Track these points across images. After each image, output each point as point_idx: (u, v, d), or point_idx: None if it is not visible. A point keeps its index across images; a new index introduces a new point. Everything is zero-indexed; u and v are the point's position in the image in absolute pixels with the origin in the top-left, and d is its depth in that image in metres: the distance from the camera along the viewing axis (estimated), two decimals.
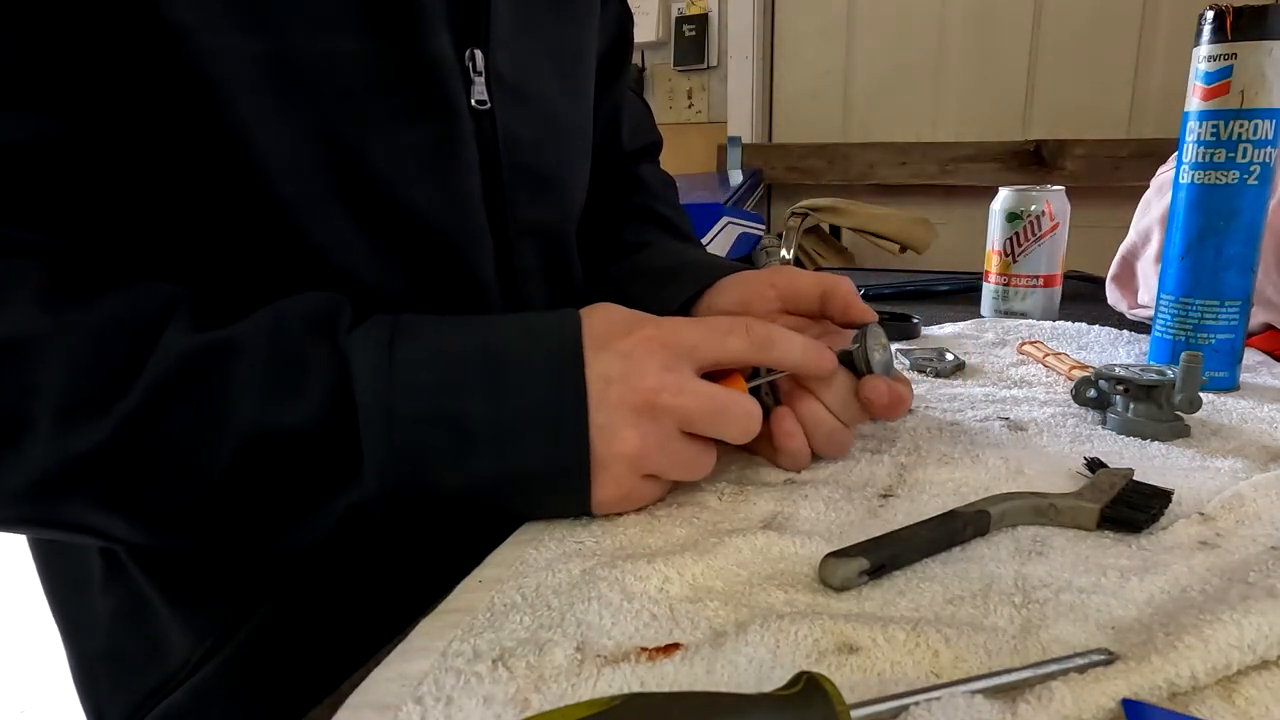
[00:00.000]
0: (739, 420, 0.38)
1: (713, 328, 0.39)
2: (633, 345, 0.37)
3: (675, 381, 0.37)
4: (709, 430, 0.38)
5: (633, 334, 0.37)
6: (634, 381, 0.36)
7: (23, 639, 1.72)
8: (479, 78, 0.45)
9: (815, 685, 0.24)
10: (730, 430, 0.38)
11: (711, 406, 0.37)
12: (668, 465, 0.37)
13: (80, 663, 0.52)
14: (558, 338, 0.37)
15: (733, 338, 0.39)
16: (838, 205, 2.13)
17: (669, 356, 0.37)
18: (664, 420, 0.36)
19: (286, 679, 0.47)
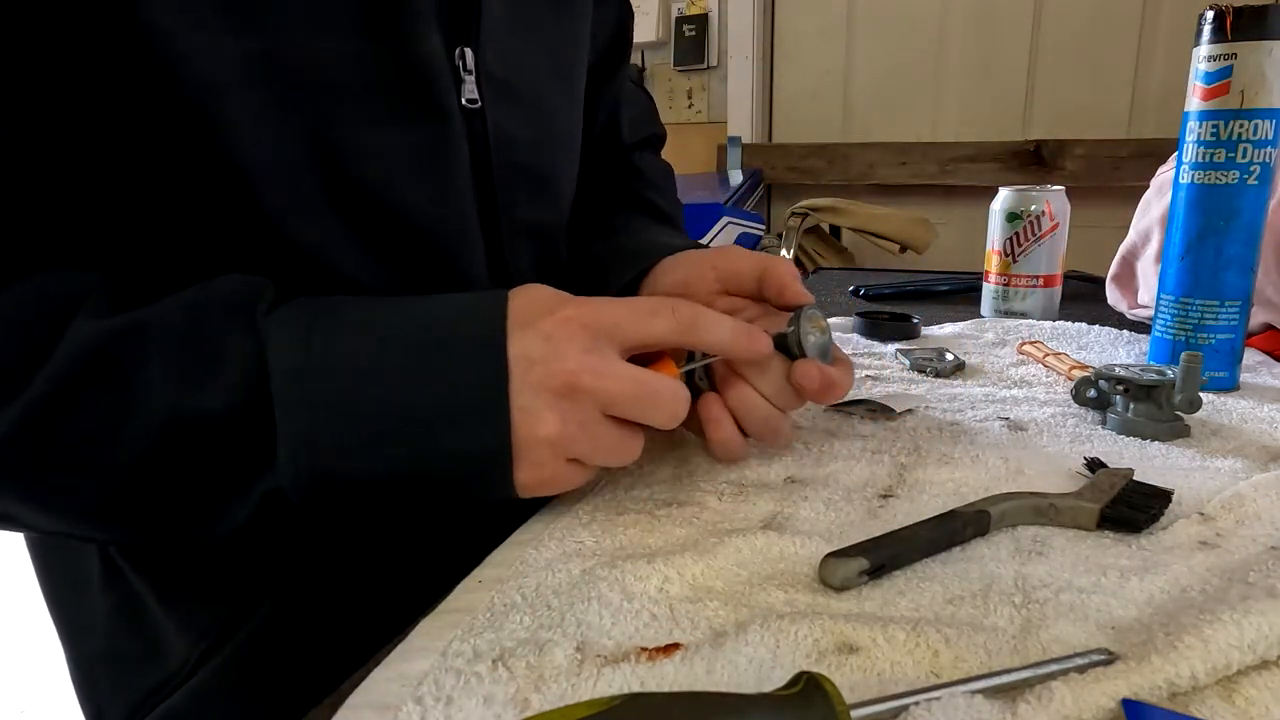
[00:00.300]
0: (664, 404, 0.37)
1: (637, 308, 0.38)
2: (554, 326, 0.36)
3: (596, 364, 0.35)
4: (632, 414, 0.36)
5: (555, 314, 0.36)
6: (554, 363, 0.35)
7: (23, 639, 1.72)
8: (469, 76, 0.45)
9: (815, 685, 0.24)
10: (655, 415, 0.37)
11: (634, 390, 0.36)
12: (591, 449, 0.36)
13: (79, 663, 0.52)
14: (481, 319, 0.36)
15: (657, 319, 0.37)
16: (838, 205, 2.13)
17: (590, 338, 0.36)
18: (585, 403, 0.35)
19: (286, 680, 0.46)
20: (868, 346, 0.74)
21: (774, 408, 0.42)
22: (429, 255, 0.45)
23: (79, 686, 0.52)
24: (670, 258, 0.51)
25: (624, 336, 0.37)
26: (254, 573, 0.47)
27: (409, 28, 0.41)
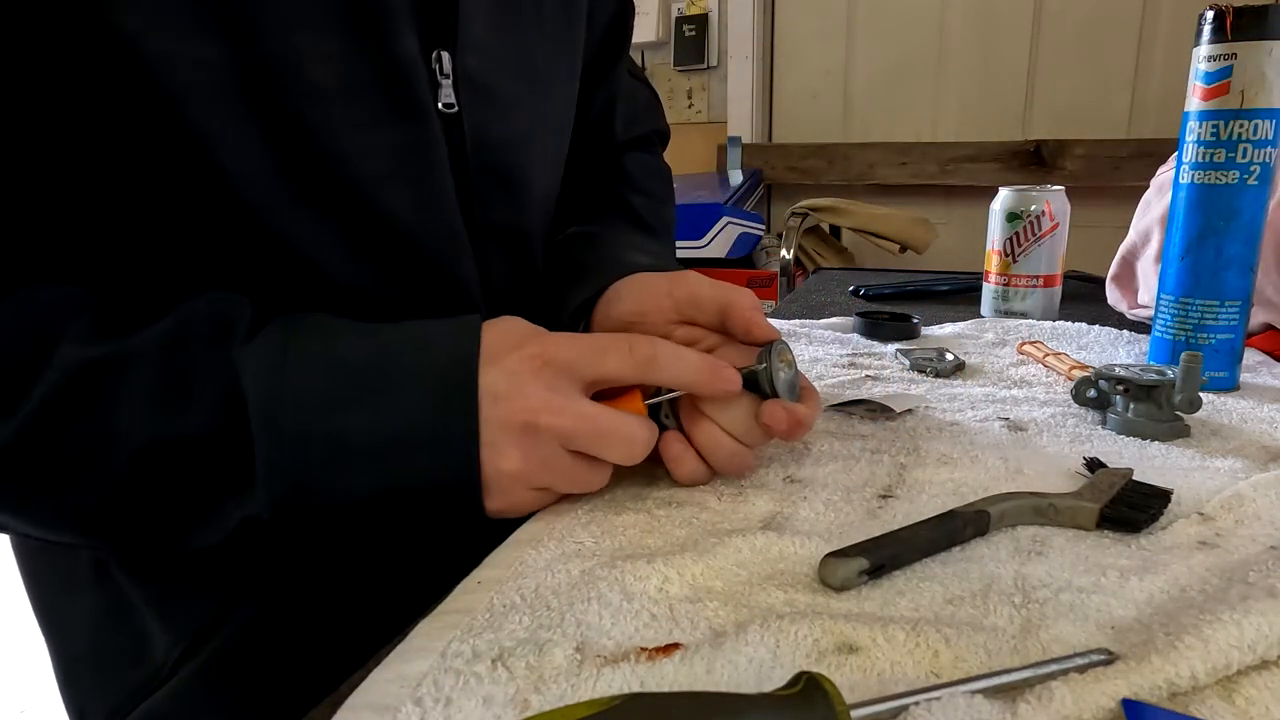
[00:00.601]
0: (620, 443, 0.38)
1: (592, 345, 0.39)
2: (517, 363, 0.37)
3: (556, 402, 0.37)
4: (591, 450, 0.38)
5: (520, 350, 0.37)
6: (516, 400, 0.36)
7: (23, 639, 1.72)
8: (446, 80, 0.44)
9: (815, 685, 0.24)
10: (612, 453, 0.38)
11: (590, 429, 0.37)
12: (554, 481, 0.38)
13: (63, 662, 0.52)
14: (452, 352, 0.37)
15: (612, 355, 0.38)
16: (838, 205, 2.13)
17: (551, 375, 0.37)
18: (545, 439, 0.37)
19: (270, 682, 0.46)
20: (868, 346, 0.74)
21: (740, 444, 0.41)
22: (417, 258, 0.45)
23: (63, 685, 0.52)
24: (626, 282, 0.49)
25: (580, 374, 0.38)
26: (241, 570, 0.47)
27: (385, 29, 0.40)
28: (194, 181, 0.38)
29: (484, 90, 0.46)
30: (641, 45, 2.51)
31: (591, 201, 0.64)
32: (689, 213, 1.99)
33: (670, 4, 2.50)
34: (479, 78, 0.46)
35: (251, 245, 0.40)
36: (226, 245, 0.40)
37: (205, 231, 0.40)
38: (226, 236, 0.40)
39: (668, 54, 2.53)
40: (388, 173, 0.42)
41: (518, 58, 0.49)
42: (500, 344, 0.37)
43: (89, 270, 0.39)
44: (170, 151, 0.37)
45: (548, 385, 0.37)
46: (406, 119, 0.42)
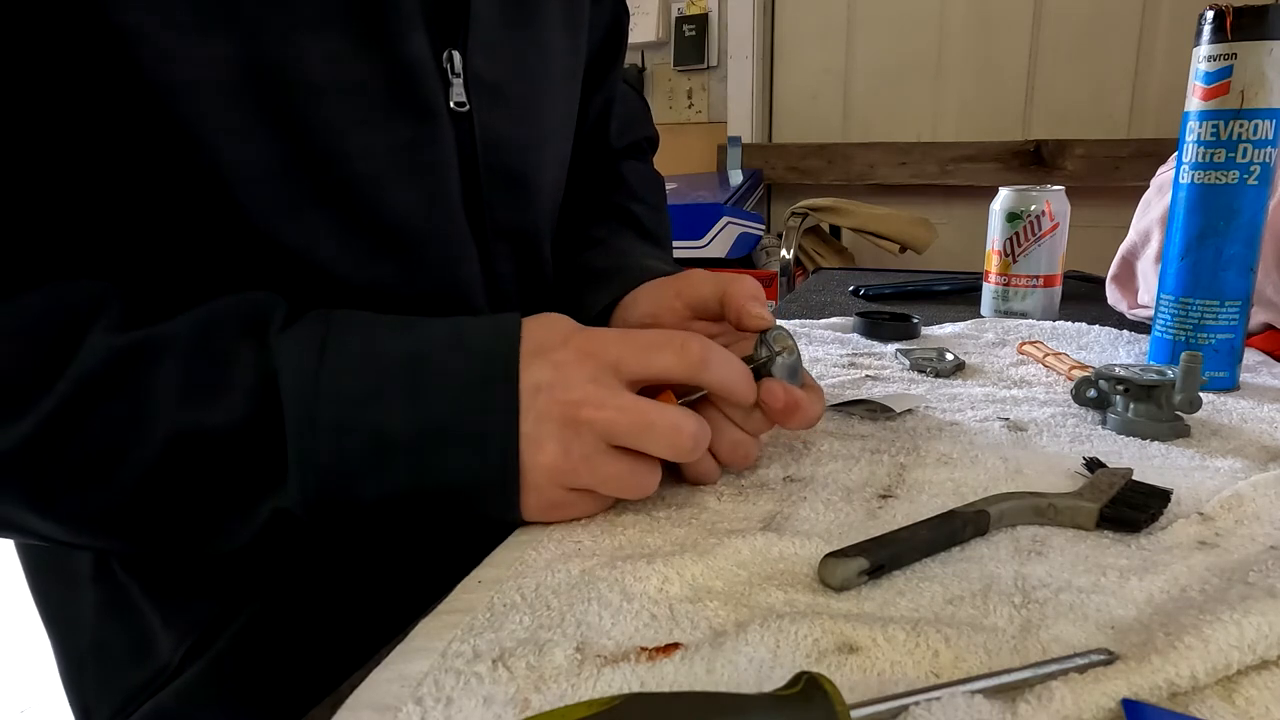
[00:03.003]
0: (664, 435, 0.36)
1: (642, 342, 0.38)
2: (564, 355, 0.37)
3: (599, 395, 0.36)
4: (635, 445, 0.36)
5: (567, 344, 0.37)
6: (559, 393, 0.36)
7: (23, 639, 1.72)
8: (457, 79, 0.44)
9: (815, 685, 0.24)
10: (657, 445, 0.37)
11: (634, 421, 0.36)
12: (595, 480, 0.37)
13: (67, 659, 0.52)
14: (491, 347, 0.36)
15: (663, 353, 0.37)
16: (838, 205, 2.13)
17: (596, 369, 0.36)
18: (586, 434, 0.36)
19: (277, 681, 0.46)
20: (868, 346, 0.74)
21: (743, 433, 0.42)
22: (422, 258, 0.45)
23: (67, 682, 0.52)
24: (638, 289, 0.51)
25: (627, 371, 0.37)
26: (245, 571, 0.47)
27: (393, 29, 0.40)
28: (197, 180, 0.38)
29: (494, 90, 0.47)
30: (641, 45, 2.51)
31: (594, 207, 0.65)
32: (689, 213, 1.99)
33: (670, 4, 2.50)
34: (489, 77, 0.46)
35: (254, 245, 0.40)
36: (229, 246, 0.40)
37: (208, 231, 0.39)
38: (229, 237, 0.40)
39: (668, 54, 2.53)
40: (393, 171, 0.42)
41: (526, 58, 0.49)
42: (545, 337, 0.37)
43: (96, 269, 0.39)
44: (173, 149, 0.37)
45: (592, 378, 0.36)
46: (415, 118, 0.42)
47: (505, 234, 0.50)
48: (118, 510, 0.35)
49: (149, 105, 0.36)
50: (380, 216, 0.43)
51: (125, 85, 0.35)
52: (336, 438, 0.34)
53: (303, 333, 0.35)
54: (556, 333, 0.38)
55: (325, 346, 0.35)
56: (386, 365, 0.35)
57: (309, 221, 0.41)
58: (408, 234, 0.44)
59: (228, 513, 0.36)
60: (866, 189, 2.42)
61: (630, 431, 0.36)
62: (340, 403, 0.34)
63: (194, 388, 0.34)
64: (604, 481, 0.37)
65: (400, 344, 0.36)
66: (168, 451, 0.34)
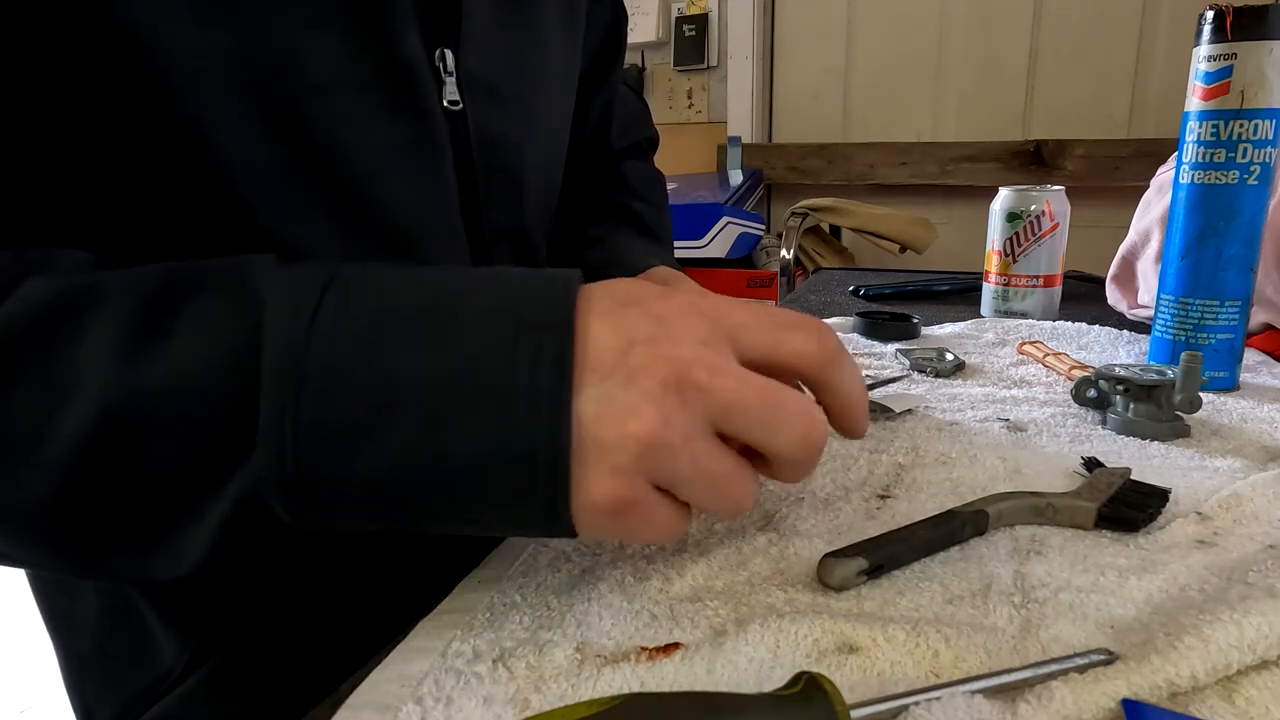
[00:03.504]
0: (798, 421, 0.28)
1: (771, 315, 0.30)
2: (668, 307, 0.29)
3: (715, 360, 0.27)
4: (756, 431, 0.28)
5: (670, 297, 0.29)
6: (664, 346, 0.27)
7: (23, 639, 1.72)
8: (450, 78, 0.44)
9: (815, 685, 0.24)
10: (786, 435, 0.28)
11: (763, 398, 0.28)
12: (692, 473, 0.27)
13: (70, 663, 0.51)
14: (546, 287, 0.28)
15: (797, 334, 0.30)
16: (838, 205, 2.13)
17: (710, 331, 0.28)
18: (696, 404, 0.27)
19: (281, 685, 0.46)
20: (868, 346, 0.74)
21: None
22: (415, 257, 0.45)
23: (70, 686, 0.52)
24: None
25: (751, 343, 0.29)
26: (246, 575, 0.47)
27: (387, 26, 0.40)
28: (190, 174, 0.38)
29: (487, 88, 0.47)
30: (641, 45, 2.51)
31: (594, 207, 0.65)
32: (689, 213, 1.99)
33: (670, 4, 2.50)
34: (482, 75, 0.46)
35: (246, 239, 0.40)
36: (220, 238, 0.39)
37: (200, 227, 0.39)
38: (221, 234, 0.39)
39: (668, 54, 2.53)
40: (388, 169, 0.42)
41: (520, 56, 0.49)
42: (637, 288, 0.30)
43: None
44: (170, 144, 0.37)
45: (705, 340, 0.28)
46: (408, 116, 0.42)
47: (503, 233, 0.51)
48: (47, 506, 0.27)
49: (146, 99, 0.36)
50: (377, 216, 0.43)
51: (123, 79, 0.35)
52: (328, 388, 0.26)
53: (303, 269, 0.28)
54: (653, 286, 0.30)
55: (332, 283, 0.28)
56: (407, 303, 0.28)
57: (300, 219, 0.41)
58: (404, 233, 0.44)
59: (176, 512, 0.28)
60: (866, 189, 2.42)
61: (758, 408, 0.28)
62: (340, 345, 0.26)
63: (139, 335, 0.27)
64: (702, 476, 0.28)
65: (428, 282, 0.29)
66: (100, 421, 0.26)
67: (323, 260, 0.29)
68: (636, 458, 0.26)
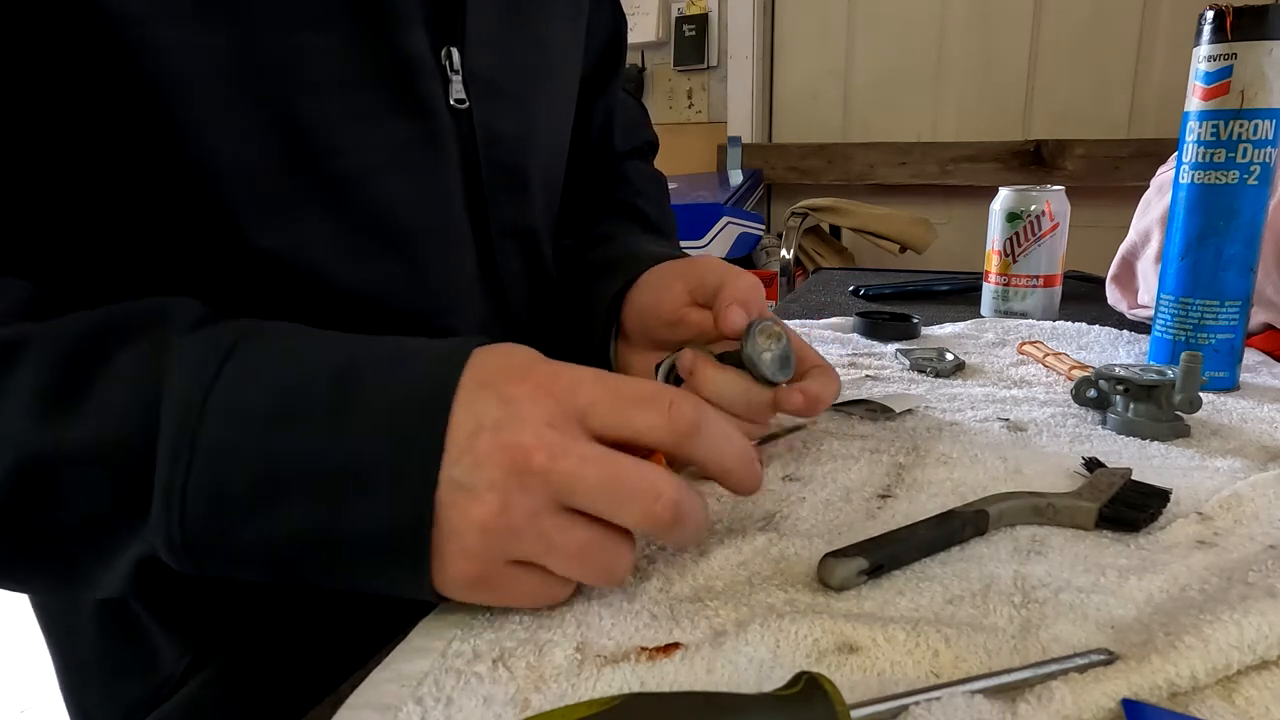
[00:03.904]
0: (639, 497, 0.29)
1: (621, 391, 0.31)
2: (519, 390, 0.29)
3: (558, 441, 0.29)
4: (601, 505, 0.29)
5: (526, 378, 0.30)
6: (507, 434, 0.28)
7: (23, 639, 1.72)
8: (456, 76, 0.44)
9: (815, 685, 0.24)
10: (629, 510, 0.29)
11: (602, 475, 0.28)
12: (543, 549, 0.29)
13: (67, 670, 0.51)
14: (430, 367, 0.30)
15: (645, 411, 0.30)
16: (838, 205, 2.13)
17: (557, 412, 0.29)
18: (536, 487, 0.28)
19: (276, 686, 0.46)
20: (868, 346, 0.74)
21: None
22: (415, 256, 0.44)
23: (67, 693, 0.51)
24: (644, 275, 0.50)
25: (599, 422, 0.30)
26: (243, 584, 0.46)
27: (391, 25, 0.40)
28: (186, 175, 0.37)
29: (493, 87, 0.47)
30: (641, 45, 2.51)
31: (598, 206, 0.65)
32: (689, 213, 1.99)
33: (670, 4, 2.50)
34: (488, 74, 0.46)
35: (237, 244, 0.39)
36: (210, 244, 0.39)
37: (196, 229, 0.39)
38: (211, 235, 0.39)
39: (668, 54, 2.53)
40: (389, 169, 0.42)
41: (526, 55, 0.49)
42: (501, 366, 0.31)
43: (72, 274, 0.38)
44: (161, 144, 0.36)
45: (550, 422, 0.29)
46: (413, 115, 0.42)
47: (510, 232, 0.50)
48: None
49: (141, 99, 0.35)
50: (377, 214, 0.42)
51: (118, 79, 0.35)
52: (218, 464, 0.28)
53: (209, 337, 0.30)
54: (515, 363, 0.31)
55: (232, 354, 0.29)
56: (300, 382, 0.29)
57: (300, 217, 0.40)
58: (405, 232, 0.44)
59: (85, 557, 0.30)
60: (866, 189, 2.42)
61: (596, 487, 0.28)
62: (231, 422, 0.28)
63: (56, 398, 0.28)
64: (555, 551, 0.29)
65: (323, 359, 0.30)
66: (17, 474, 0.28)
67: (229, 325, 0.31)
68: (480, 540, 0.28)
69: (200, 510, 0.28)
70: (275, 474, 0.28)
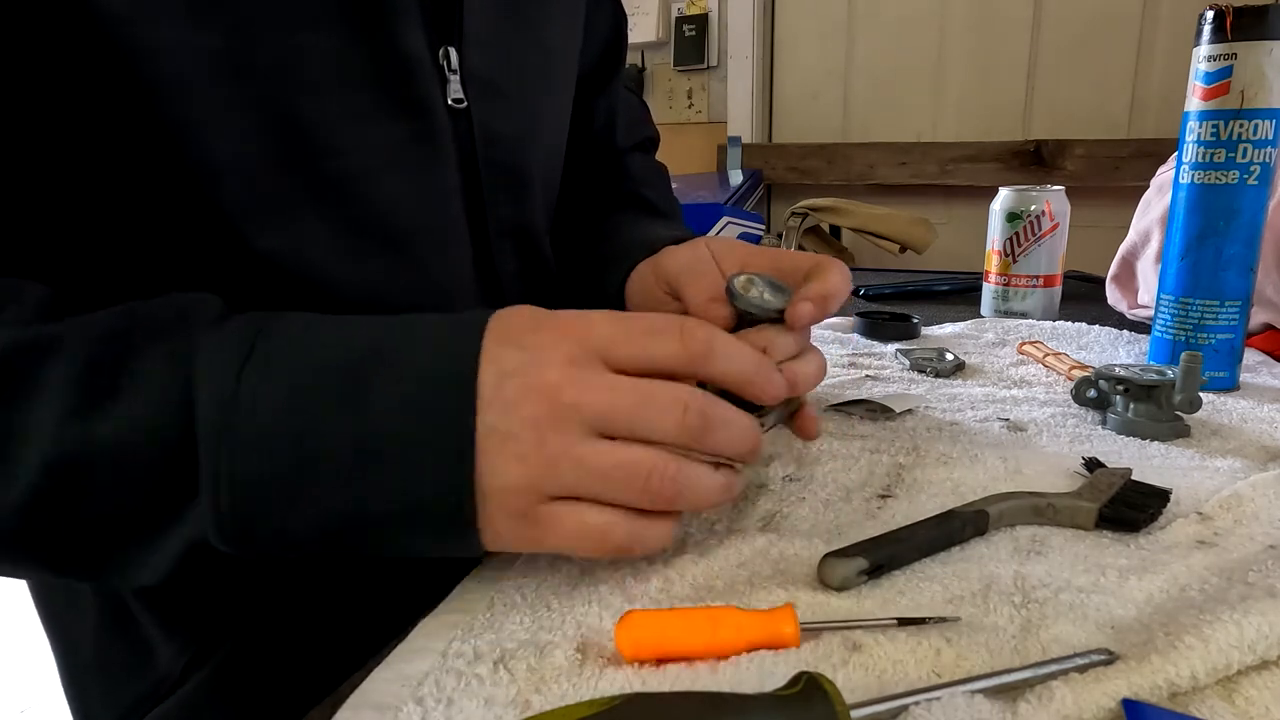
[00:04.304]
0: (671, 409, 0.30)
1: (635, 325, 0.32)
2: (539, 337, 0.31)
3: (584, 376, 0.30)
4: (637, 427, 0.30)
5: (542, 326, 0.32)
6: (533, 375, 0.30)
7: (23, 639, 1.72)
8: (454, 76, 0.44)
9: (815, 685, 0.24)
10: (660, 424, 0.30)
11: (631, 399, 0.30)
12: (586, 476, 0.30)
13: (70, 669, 0.51)
14: (448, 344, 0.31)
15: (661, 339, 0.32)
16: (838, 205, 2.12)
17: (578, 349, 0.31)
18: (570, 421, 0.30)
19: (275, 686, 0.46)
20: (868, 346, 0.74)
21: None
22: (413, 256, 0.44)
23: (69, 692, 0.52)
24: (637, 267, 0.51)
25: (619, 354, 0.31)
26: (242, 583, 0.47)
27: (389, 24, 0.40)
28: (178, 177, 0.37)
29: (490, 86, 0.46)
30: (641, 45, 2.51)
31: (603, 201, 0.65)
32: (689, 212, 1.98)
33: (670, 4, 2.50)
34: (486, 74, 0.46)
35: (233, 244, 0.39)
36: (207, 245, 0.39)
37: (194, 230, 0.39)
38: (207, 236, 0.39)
39: (668, 54, 2.53)
40: (386, 169, 0.42)
41: (524, 54, 0.49)
42: (516, 322, 0.32)
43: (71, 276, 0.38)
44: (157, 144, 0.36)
45: (572, 359, 0.30)
46: (410, 114, 0.42)
47: (508, 231, 0.50)
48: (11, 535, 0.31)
49: (134, 98, 0.35)
50: (375, 214, 0.42)
51: (110, 77, 0.34)
52: (258, 452, 0.29)
53: (230, 331, 0.31)
54: (529, 316, 0.32)
55: (254, 347, 0.30)
56: (322, 367, 0.30)
57: (297, 218, 0.40)
58: (402, 232, 0.43)
59: (133, 544, 0.31)
60: (866, 189, 2.42)
61: (627, 410, 0.30)
62: (264, 412, 0.29)
63: (87, 394, 0.29)
64: (599, 477, 0.30)
65: (341, 343, 0.31)
66: (53, 469, 0.29)
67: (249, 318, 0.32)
68: (524, 486, 0.29)
69: (248, 498, 0.29)
70: (314, 455, 0.29)
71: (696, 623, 0.28)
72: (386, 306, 0.43)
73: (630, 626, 0.28)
